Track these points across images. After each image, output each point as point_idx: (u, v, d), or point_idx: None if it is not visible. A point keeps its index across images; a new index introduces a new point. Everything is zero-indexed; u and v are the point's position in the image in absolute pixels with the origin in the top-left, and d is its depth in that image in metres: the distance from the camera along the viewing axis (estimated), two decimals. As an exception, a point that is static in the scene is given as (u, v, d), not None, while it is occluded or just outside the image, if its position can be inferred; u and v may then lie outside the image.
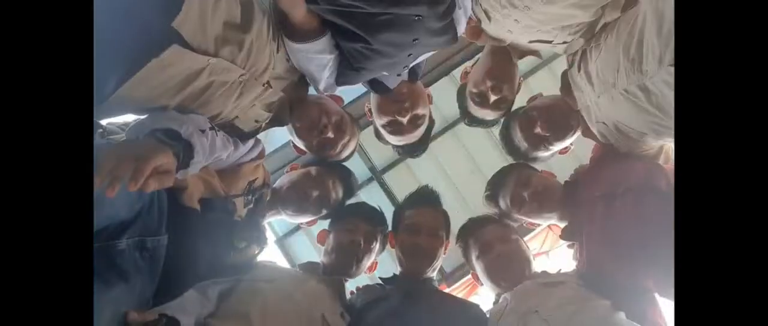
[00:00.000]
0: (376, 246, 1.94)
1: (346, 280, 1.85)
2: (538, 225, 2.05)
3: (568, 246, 1.90)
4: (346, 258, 1.83)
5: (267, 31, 1.31)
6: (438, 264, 1.95)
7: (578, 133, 1.87)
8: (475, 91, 1.97)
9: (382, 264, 2.05)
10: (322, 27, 1.35)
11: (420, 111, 1.84)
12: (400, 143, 2.01)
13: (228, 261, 1.49)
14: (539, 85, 3.99)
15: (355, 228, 1.87)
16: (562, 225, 1.90)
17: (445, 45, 1.49)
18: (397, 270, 1.98)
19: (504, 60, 1.87)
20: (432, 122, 2.03)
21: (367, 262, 1.91)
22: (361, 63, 1.44)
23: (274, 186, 1.85)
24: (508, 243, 1.88)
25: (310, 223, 1.94)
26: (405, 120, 1.82)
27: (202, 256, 1.33)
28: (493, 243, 1.89)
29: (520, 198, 1.89)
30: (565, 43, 1.57)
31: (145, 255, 1.10)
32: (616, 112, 1.55)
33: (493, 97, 1.92)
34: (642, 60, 1.32)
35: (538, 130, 1.85)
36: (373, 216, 1.98)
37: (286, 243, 4.66)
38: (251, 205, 1.58)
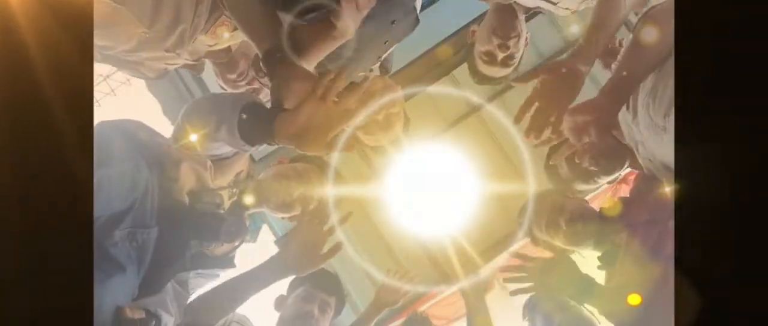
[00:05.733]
0: (331, 312, 2.02)
1: None
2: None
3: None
4: None
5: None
6: None
7: (627, 167, 1.85)
8: (482, 49, 2.01)
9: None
10: None
11: (394, 109, 1.84)
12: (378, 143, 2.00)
13: (209, 254, 1.50)
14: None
15: (310, 297, 1.96)
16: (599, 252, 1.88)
17: (409, 30, 1.51)
18: None
19: (509, 17, 1.90)
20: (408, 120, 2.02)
21: None
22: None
23: (259, 178, 1.85)
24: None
25: (293, 218, 1.93)
26: (380, 117, 1.81)
27: (188, 249, 1.33)
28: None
29: (556, 225, 1.87)
30: (567, 9, 1.56)
31: (133, 246, 1.10)
32: (663, 153, 1.50)
33: (500, 55, 1.95)
34: None
35: (585, 164, 1.83)
36: (328, 283, 2.06)
37: (286, 245, 4.65)
38: (235, 197, 1.58)
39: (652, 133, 1.49)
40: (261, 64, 1.29)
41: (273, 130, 1.22)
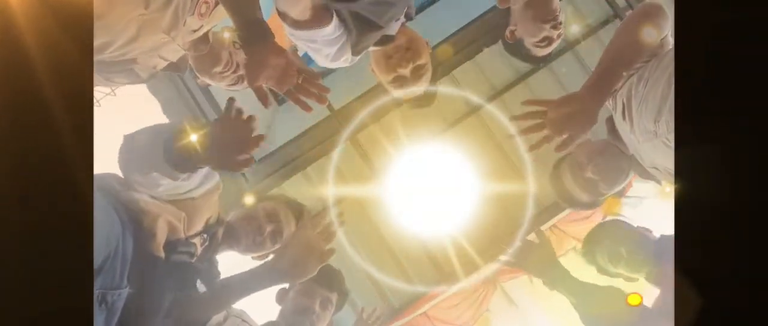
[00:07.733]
0: (331, 308, 2.03)
1: None
2: None
3: None
4: (299, 323, 1.93)
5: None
6: None
7: (631, 176, 1.87)
8: (537, 40, 2.06)
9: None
10: (327, 12, 1.32)
11: (421, 61, 1.84)
12: (408, 96, 2.01)
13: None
14: (539, 85, 3.98)
15: (311, 292, 1.96)
16: None
17: None
18: None
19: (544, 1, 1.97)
20: (436, 72, 2.03)
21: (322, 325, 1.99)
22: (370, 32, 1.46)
23: (228, 220, 1.84)
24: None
25: (261, 257, 1.93)
26: (408, 72, 1.82)
27: (163, 303, 1.31)
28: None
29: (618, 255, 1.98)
30: None
31: (102, 308, 1.07)
32: (661, 159, 1.53)
33: (556, 33, 2.04)
34: None
35: (588, 174, 1.85)
36: (332, 279, 2.05)
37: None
38: (207, 243, 1.57)
39: (645, 139, 1.51)
40: (237, 37, 1.27)
41: (196, 152, 1.24)
